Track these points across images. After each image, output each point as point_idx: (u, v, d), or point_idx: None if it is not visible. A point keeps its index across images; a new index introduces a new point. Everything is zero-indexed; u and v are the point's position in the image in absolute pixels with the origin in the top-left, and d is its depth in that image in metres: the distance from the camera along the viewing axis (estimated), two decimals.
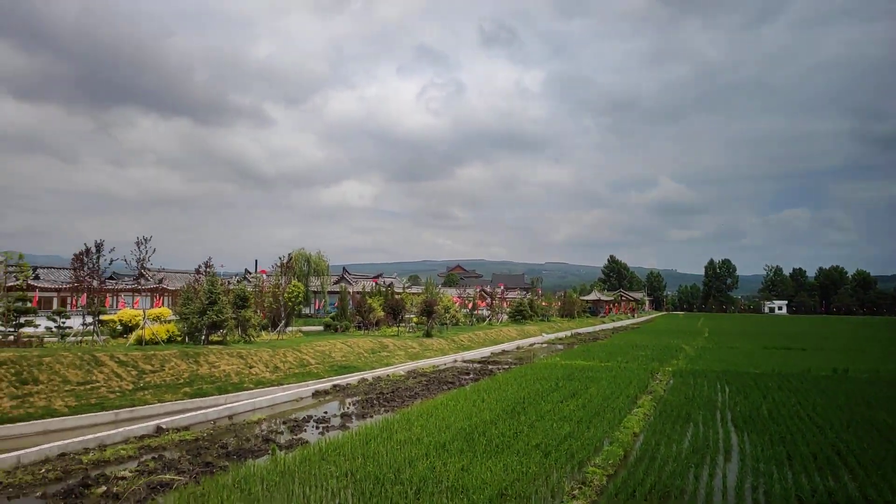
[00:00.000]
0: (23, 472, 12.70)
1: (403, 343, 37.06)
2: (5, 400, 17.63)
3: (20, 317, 24.54)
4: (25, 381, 18.67)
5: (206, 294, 26.61)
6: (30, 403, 17.95)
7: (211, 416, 18.99)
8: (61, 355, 20.50)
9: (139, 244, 26.44)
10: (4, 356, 19.37)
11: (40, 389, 18.66)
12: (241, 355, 25.26)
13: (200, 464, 13.49)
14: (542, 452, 13.51)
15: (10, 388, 18.15)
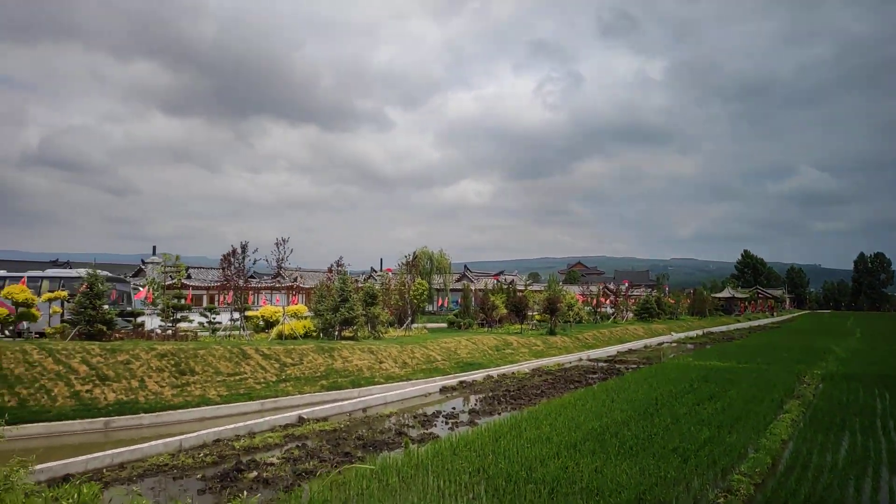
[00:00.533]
0: (185, 456, 13.91)
1: (527, 341, 36.89)
2: (167, 389, 19.42)
3: (177, 313, 26.89)
4: (183, 371, 20.45)
5: (338, 292, 27.88)
6: (188, 392, 19.64)
7: (346, 409, 19.86)
8: (213, 348, 22.25)
9: (278, 245, 28.19)
10: (165, 349, 21.33)
11: (196, 380, 20.37)
12: (372, 351, 26.23)
13: (340, 453, 14.14)
14: (681, 457, 12.91)
15: (170, 378, 19.97)
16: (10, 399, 17.36)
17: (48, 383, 18.25)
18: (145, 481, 12.40)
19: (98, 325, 21.70)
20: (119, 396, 18.46)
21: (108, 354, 20.18)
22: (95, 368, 19.37)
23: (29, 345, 19.78)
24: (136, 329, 25.06)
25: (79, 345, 20.56)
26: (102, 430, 17.47)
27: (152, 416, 18.08)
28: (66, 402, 17.80)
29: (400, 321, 37.25)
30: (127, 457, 13.60)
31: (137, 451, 13.85)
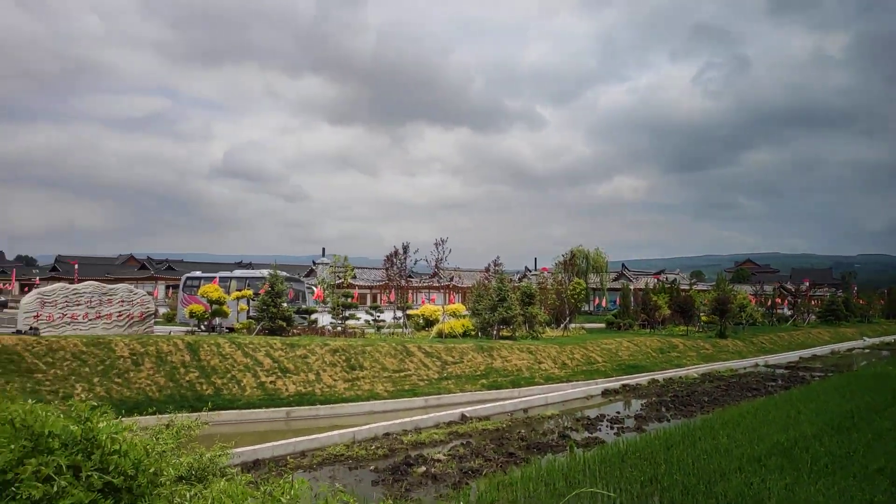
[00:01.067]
0: (358, 447, 14.62)
1: (694, 343, 34.75)
2: (340, 383, 20.60)
3: (345, 311, 28.49)
4: (353, 366, 21.59)
5: (496, 291, 28.05)
6: (357, 387, 20.70)
7: (507, 408, 19.85)
8: (380, 345, 23.27)
9: (437, 245, 28.95)
10: (337, 345, 22.66)
11: (365, 375, 21.41)
12: (531, 350, 26.05)
13: (504, 454, 14.11)
14: (889, 479, 11.36)
15: (342, 373, 21.17)
16: (208, 388, 19.33)
17: (238, 374, 20.09)
18: (324, 469, 13.18)
19: (279, 321, 23.55)
20: (298, 388, 19.87)
21: (289, 349, 21.82)
22: (278, 362, 21.02)
23: (221, 339, 21.92)
24: (310, 326, 26.89)
25: (263, 339, 22.44)
26: (284, 419, 18.90)
27: (327, 407, 19.25)
28: (253, 393, 19.48)
29: (557, 321, 36.73)
30: (307, 445, 14.55)
31: (316, 441, 14.77)
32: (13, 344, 18.45)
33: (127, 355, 19.64)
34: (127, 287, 23.43)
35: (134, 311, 23.07)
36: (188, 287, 31.69)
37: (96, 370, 18.69)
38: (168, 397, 18.61)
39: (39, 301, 21.16)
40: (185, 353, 20.45)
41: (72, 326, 21.54)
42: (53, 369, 18.13)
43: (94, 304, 22.10)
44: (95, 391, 17.90)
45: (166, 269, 66.57)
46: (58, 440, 3.22)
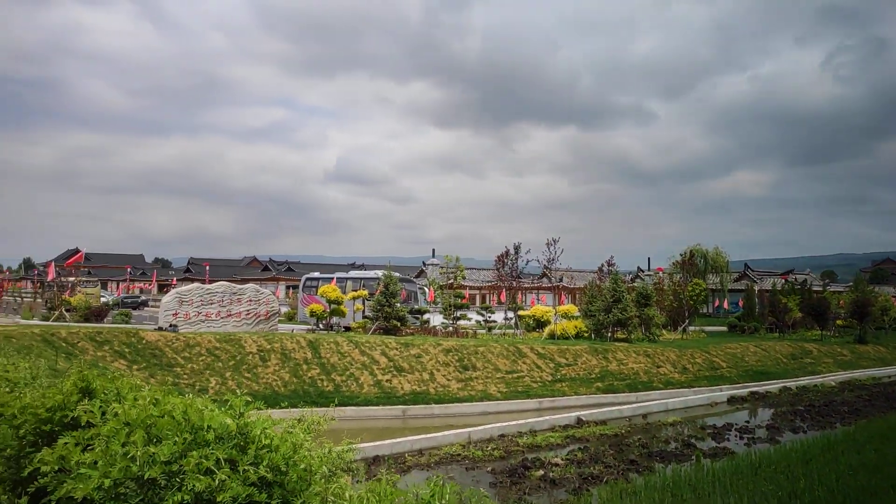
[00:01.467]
0: (474, 448, 14.62)
1: (830, 349, 32.12)
2: (453, 382, 20.75)
3: (456, 311, 28.70)
4: (466, 367, 21.68)
5: (610, 292, 27.26)
6: (471, 387, 20.76)
7: (625, 413, 19.19)
8: (492, 346, 23.24)
9: (548, 245, 28.52)
10: (450, 345, 22.86)
11: (477, 375, 21.45)
12: (648, 354, 25.08)
13: (625, 460, 13.62)
14: None
15: (455, 373, 21.31)
16: (328, 384, 20.08)
17: (356, 372, 20.73)
18: (441, 469, 13.27)
19: (393, 321, 24.09)
20: (413, 387, 20.21)
21: (403, 348, 22.26)
22: (393, 360, 21.50)
23: (340, 337, 22.72)
24: (423, 326, 27.32)
25: (379, 339, 23.05)
26: (400, 416, 19.29)
27: (441, 407, 19.45)
28: (370, 390, 20.03)
29: (674, 324, 35.18)
30: (424, 444, 14.72)
31: (433, 440, 14.92)
32: (156, 340, 20.04)
33: (255, 352, 20.78)
34: (254, 287, 24.84)
35: (260, 309, 24.40)
36: (307, 287, 33.14)
37: (228, 365, 19.91)
38: (292, 392, 19.50)
39: (178, 300, 22.86)
40: (308, 350, 21.36)
41: (206, 324, 23.10)
42: (191, 364, 19.50)
43: (225, 303, 23.59)
44: (227, 385, 19.07)
45: (286, 271, 70.12)
46: (212, 433, 3.36)
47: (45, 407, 4.17)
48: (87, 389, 4.37)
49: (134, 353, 18.92)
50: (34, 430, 4.15)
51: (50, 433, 4.17)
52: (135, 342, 19.47)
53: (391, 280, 24.75)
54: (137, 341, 19.55)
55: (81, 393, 4.34)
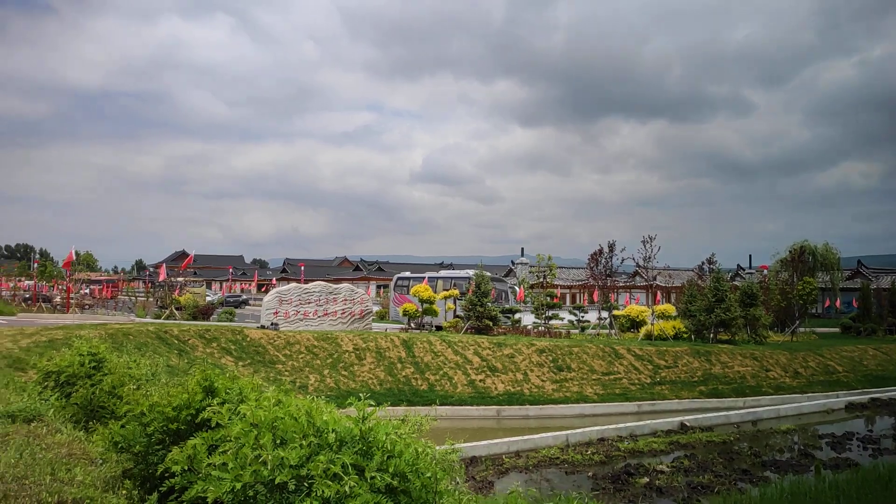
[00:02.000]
0: (573, 451, 14.23)
1: None
2: (548, 383, 20.36)
3: (548, 311, 28.23)
4: (560, 367, 21.23)
5: (711, 291, 25.98)
6: (566, 388, 20.31)
7: (733, 419, 18.18)
8: (586, 346, 22.66)
9: (644, 243, 27.53)
10: (543, 345, 22.47)
11: (573, 376, 20.96)
12: (755, 356, 23.71)
13: (736, 470, 12.87)
14: None
15: (549, 373, 20.91)
16: (423, 383, 20.18)
17: (450, 371, 20.73)
18: (540, 472, 13.00)
19: (485, 320, 23.95)
20: (507, 387, 19.99)
21: (496, 348, 22.08)
22: (486, 360, 21.36)
23: (433, 336, 22.81)
24: (514, 325, 27.04)
25: (471, 338, 22.97)
26: (495, 417, 19.13)
27: (536, 408, 19.13)
28: (464, 390, 19.97)
29: (781, 325, 33.14)
30: (521, 446, 14.48)
31: (530, 442, 14.65)
32: (259, 338, 20.81)
33: (351, 350, 21.20)
34: (349, 287, 25.38)
35: (355, 308, 24.90)
36: (398, 287, 33.59)
37: (326, 363, 20.40)
38: (387, 391, 19.74)
39: (278, 299, 23.68)
40: (402, 349, 21.58)
41: (304, 322, 23.81)
42: (291, 361, 20.12)
43: (321, 302, 24.23)
44: (326, 382, 19.54)
45: (376, 270, 71.57)
46: (335, 436, 3.29)
47: (171, 406, 4.28)
48: (210, 388, 4.46)
49: (239, 350, 19.72)
50: (162, 429, 4.27)
51: (176, 431, 4.27)
52: (240, 340, 20.30)
53: (483, 279, 24.62)
54: (242, 339, 20.37)
55: (205, 392, 4.42)
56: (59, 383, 7.49)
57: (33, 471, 4.41)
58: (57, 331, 15.88)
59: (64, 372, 7.45)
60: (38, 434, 5.72)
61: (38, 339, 13.66)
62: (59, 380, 7.60)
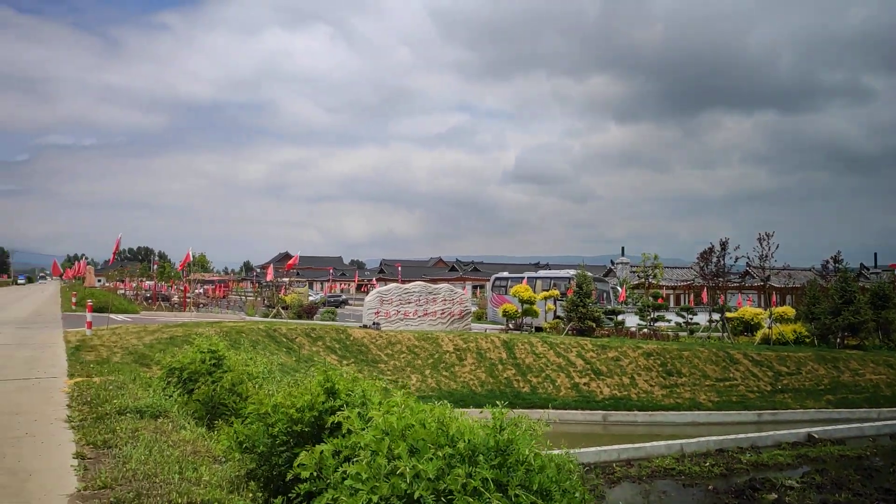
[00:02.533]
0: (689, 461, 13.39)
1: None
2: (656, 388, 19.43)
3: (653, 312, 27.03)
4: (670, 372, 20.21)
5: (838, 292, 23.94)
6: (676, 394, 19.29)
7: (867, 432, 16.58)
8: (698, 350, 21.46)
9: (760, 240, 25.79)
10: (650, 348, 21.48)
11: (683, 381, 19.89)
12: (890, 364, 21.64)
13: (878, 489, 11.64)
14: None
15: (658, 378, 19.95)
16: (524, 385, 19.78)
17: (552, 374, 20.20)
18: (654, 483, 12.30)
19: (588, 321, 23.22)
20: (612, 392, 19.24)
21: (600, 350, 21.33)
22: (590, 363, 20.67)
23: (534, 338, 22.36)
24: (617, 327, 26.08)
25: (573, 340, 22.32)
26: (600, 422, 18.44)
27: (645, 414, 18.28)
28: (568, 393, 19.39)
29: None
30: (632, 454, 13.79)
31: (641, 450, 13.93)
32: (361, 337, 21.13)
33: (452, 350, 21.11)
34: (448, 287, 25.36)
35: (454, 309, 24.84)
36: (496, 287, 33.27)
37: (427, 363, 20.42)
38: (489, 392, 19.48)
39: (379, 299, 23.99)
40: (502, 350, 21.27)
41: (404, 322, 23.98)
42: (393, 360, 20.28)
43: (421, 302, 24.33)
44: (427, 382, 19.54)
45: (472, 271, 71.68)
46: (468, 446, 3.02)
47: (294, 407, 4.18)
48: (331, 390, 4.33)
49: (343, 349, 20.08)
50: (286, 430, 4.17)
51: (300, 433, 4.16)
52: (343, 338, 20.69)
53: (585, 280, 23.88)
54: (346, 338, 20.75)
55: (327, 393, 4.30)
56: (182, 380, 7.73)
57: (163, 469, 4.45)
58: (176, 328, 16.75)
59: (186, 369, 7.68)
60: (164, 430, 5.86)
61: (159, 336, 14.41)
62: (181, 376, 7.85)
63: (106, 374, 9.11)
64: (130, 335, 14.51)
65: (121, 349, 12.25)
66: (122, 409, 6.34)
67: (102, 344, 12.78)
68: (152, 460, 4.64)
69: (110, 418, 6.06)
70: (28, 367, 9.77)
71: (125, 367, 10.26)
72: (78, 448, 5.16)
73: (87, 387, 7.92)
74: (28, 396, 7.55)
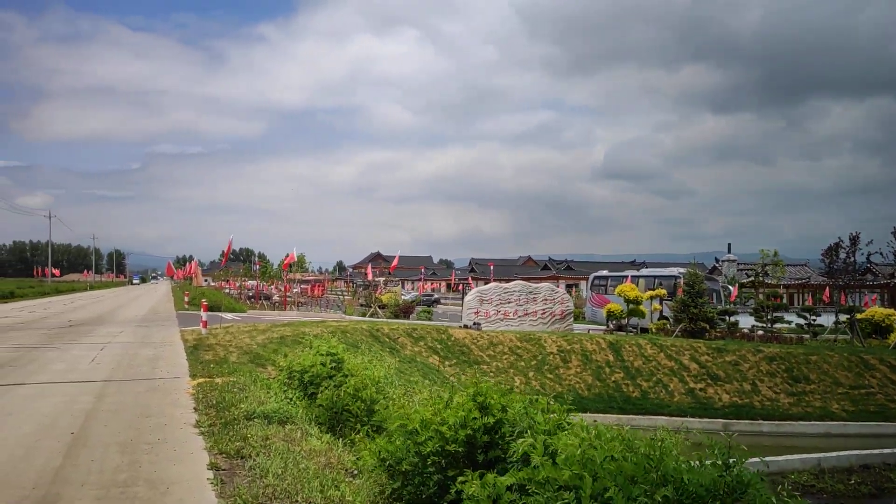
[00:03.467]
0: (830, 479, 12.14)
1: None
2: (782, 396, 17.95)
3: (772, 313, 25.14)
4: (797, 378, 18.63)
5: None
6: (805, 402, 17.75)
7: None
8: (827, 355, 19.71)
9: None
10: (772, 352, 19.91)
11: (812, 389, 18.28)
12: None
13: None
14: None
15: (784, 385, 18.43)
16: (634, 390, 18.79)
17: (664, 378, 19.10)
18: None
19: (700, 322, 21.85)
20: (733, 398, 17.94)
21: (715, 354, 19.99)
22: (705, 367, 19.39)
23: (642, 340, 21.24)
24: (730, 328, 24.45)
25: (685, 342, 21.03)
26: (720, 431, 17.18)
27: (771, 423, 16.92)
28: (682, 399, 18.25)
29: None
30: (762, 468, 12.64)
31: (773, 464, 12.75)
32: (462, 337, 20.78)
33: (555, 352, 20.39)
34: (549, 286, 24.61)
35: (555, 309, 24.07)
36: (596, 286, 32.08)
37: (530, 364, 19.81)
38: (596, 396, 18.64)
39: (478, 299, 23.57)
40: (609, 352, 20.34)
41: (504, 322, 23.46)
42: (495, 362, 19.80)
43: (521, 302, 23.72)
44: (531, 385, 18.93)
45: (565, 269, 70.10)
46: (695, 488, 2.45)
47: (446, 424, 3.75)
48: (483, 405, 3.87)
49: (445, 350, 19.80)
50: (437, 450, 3.75)
51: (453, 454, 3.73)
52: (444, 339, 20.41)
53: (697, 278, 22.47)
54: (447, 338, 20.46)
55: (480, 409, 3.84)
56: (303, 383, 7.55)
57: (302, 486, 4.14)
58: (284, 328, 16.98)
59: (307, 372, 7.49)
60: (293, 438, 5.61)
61: (270, 336, 14.59)
62: (302, 379, 7.67)
63: (226, 375, 9.13)
64: (243, 334, 14.78)
65: (236, 348, 12.42)
66: (250, 414, 6.19)
67: (218, 343, 13.03)
68: (289, 475, 4.35)
69: (239, 424, 5.89)
70: (151, 366, 9.99)
71: (242, 368, 10.31)
72: (211, 458, 4.97)
73: (210, 388, 7.90)
74: (156, 398, 7.60)
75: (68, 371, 9.47)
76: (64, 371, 9.48)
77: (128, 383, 8.50)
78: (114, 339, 13.96)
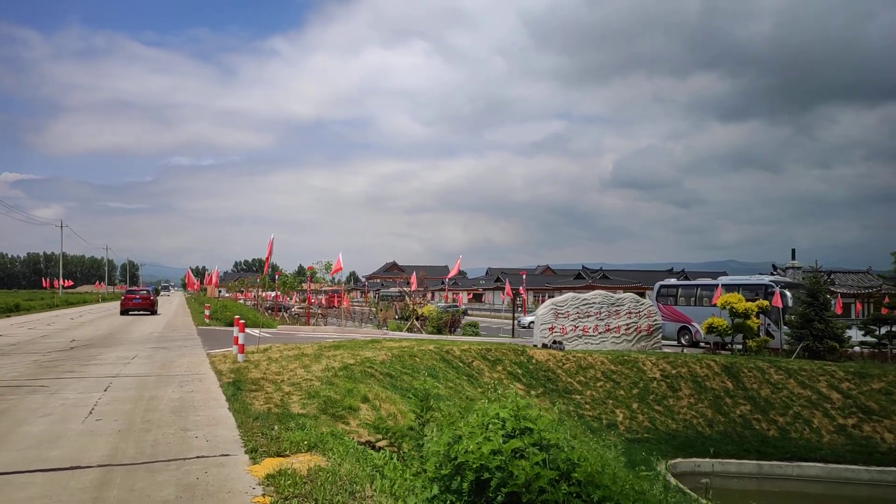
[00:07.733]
0: None
1: None
2: None
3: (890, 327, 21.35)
4: None
5: None
6: None
7: None
8: None
9: None
10: None
11: None
12: None
13: None
14: None
15: None
16: (769, 427, 15.10)
17: (803, 411, 15.41)
18: None
19: (828, 340, 18.12)
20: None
21: (857, 380, 16.28)
22: (850, 397, 15.70)
23: (762, 362, 17.51)
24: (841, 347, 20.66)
25: (813, 364, 17.32)
26: (893, 483, 13.48)
27: None
28: (834, 439, 14.56)
29: None
30: None
31: None
32: (545, 360, 17.16)
33: (659, 377, 16.76)
34: (633, 297, 20.94)
35: (641, 323, 20.41)
36: (663, 296, 28.34)
37: (631, 393, 16.17)
38: (721, 434, 14.97)
39: (553, 312, 19.94)
40: (724, 378, 16.67)
41: (583, 339, 19.84)
42: (588, 390, 16.17)
43: (602, 315, 20.08)
44: (638, 419, 15.30)
45: (601, 279, 66.24)
46: None
47: None
48: None
49: (528, 375, 16.21)
50: None
51: None
52: (524, 362, 16.82)
53: (820, 288, 18.73)
54: (527, 361, 16.87)
55: None
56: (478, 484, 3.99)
57: None
58: (337, 351, 13.40)
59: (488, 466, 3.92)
60: None
61: (328, 364, 11.02)
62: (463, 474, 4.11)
63: (304, 447, 5.59)
64: (291, 361, 11.24)
65: (291, 385, 8.89)
66: None
67: (264, 377, 9.49)
68: None
69: None
70: (180, 425, 6.46)
71: (314, 423, 6.79)
72: None
73: (292, 488, 4.36)
74: None
75: (49, 441, 5.77)
76: (41, 441, 5.77)
77: (143, 473, 4.90)
78: (123, 370, 10.46)
